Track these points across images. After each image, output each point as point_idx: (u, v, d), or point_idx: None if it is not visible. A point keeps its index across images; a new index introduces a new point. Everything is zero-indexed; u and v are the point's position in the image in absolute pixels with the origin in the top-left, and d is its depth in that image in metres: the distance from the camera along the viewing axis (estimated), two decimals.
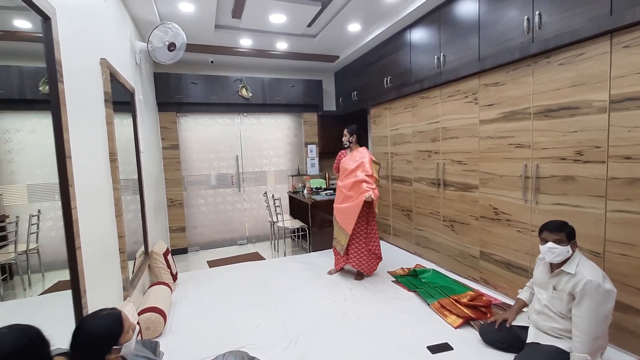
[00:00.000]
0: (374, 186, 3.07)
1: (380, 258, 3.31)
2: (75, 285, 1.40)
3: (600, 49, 1.93)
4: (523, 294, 2.11)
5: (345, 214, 3.20)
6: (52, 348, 1.03)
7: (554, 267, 1.82)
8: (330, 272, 3.45)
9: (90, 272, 1.61)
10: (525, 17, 2.33)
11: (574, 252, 1.77)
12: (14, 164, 1.39)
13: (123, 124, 2.73)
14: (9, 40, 1.32)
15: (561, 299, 1.75)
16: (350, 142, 3.36)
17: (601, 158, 1.97)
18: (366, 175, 3.10)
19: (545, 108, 2.29)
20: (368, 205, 3.13)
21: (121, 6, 2.73)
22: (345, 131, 3.39)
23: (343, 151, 3.48)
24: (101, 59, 2.03)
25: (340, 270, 3.44)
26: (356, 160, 3.24)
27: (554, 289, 1.79)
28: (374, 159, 3.23)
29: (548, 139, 2.28)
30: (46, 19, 1.30)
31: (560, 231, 1.75)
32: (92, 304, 1.57)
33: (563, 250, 1.73)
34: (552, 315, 1.81)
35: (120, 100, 2.58)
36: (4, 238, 1.39)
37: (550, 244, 1.76)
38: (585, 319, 1.63)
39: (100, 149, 1.95)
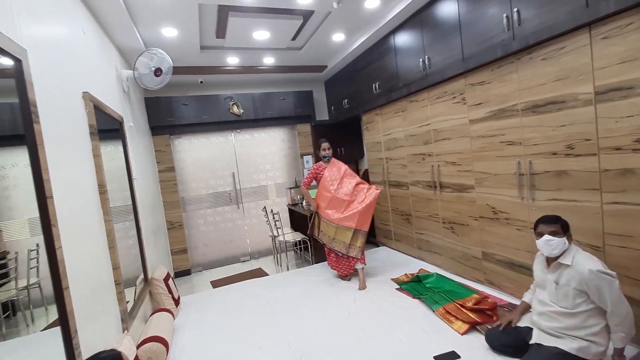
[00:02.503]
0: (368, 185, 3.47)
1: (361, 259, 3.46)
2: (65, 326, 1.37)
3: (580, 41, 1.92)
4: (527, 297, 2.07)
5: (364, 215, 3.32)
6: None
7: (550, 262, 1.81)
8: (343, 277, 3.56)
9: (83, 308, 1.59)
10: (505, 15, 2.33)
11: (570, 243, 1.76)
12: (11, 200, 1.40)
13: (115, 151, 2.74)
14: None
15: (566, 294, 1.72)
16: (330, 156, 3.59)
17: (592, 151, 1.94)
18: (357, 178, 3.50)
19: (532, 104, 2.27)
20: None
21: (103, 36, 2.76)
22: (326, 144, 3.56)
23: (319, 164, 3.62)
24: (83, 92, 2.04)
25: (353, 271, 3.51)
26: (340, 169, 3.52)
27: (557, 284, 1.75)
28: None
29: (538, 134, 2.25)
30: (17, 61, 1.30)
31: (556, 222, 1.75)
32: (88, 341, 1.55)
33: (560, 242, 1.72)
34: (553, 315, 1.77)
35: (109, 128, 2.59)
36: (6, 275, 1.38)
37: (546, 237, 1.75)
38: (610, 302, 1.61)
39: (88, 182, 1.95)
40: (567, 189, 2.12)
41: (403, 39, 3.51)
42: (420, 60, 3.26)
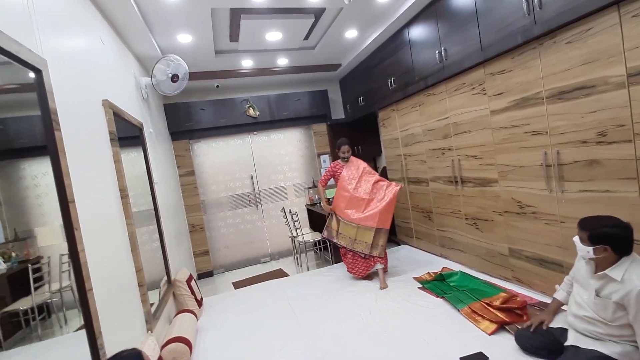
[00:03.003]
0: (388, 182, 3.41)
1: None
2: (89, 327, 1.41)
3: (609, 21, 1.79)
4: (559, 294, 1.94)
5: (385, 213, 3.26)
6: None
7: (599, 268, 1.63)
8: (358, 277, 3.45)
9: (107, 310, 1.63)
10: None
11: (598, 256, 1.57)
12: (43, 207, 1.47)
13: (137, 158, 2.82)
14: (22, 93, 1.40)
15: (605, 306, 1.57)
16: (349, 156, 3.53)
17: (627, 137, 1.81)
18: (376, 175, 3.44)
19: (558, 90, 2.14)
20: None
21: (121, 45, 2.84)
22: (346, 147, 3.50)
23: (337, 162, 3.58)
24: (103, 100, 2.10)
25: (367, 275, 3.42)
26: (358, 167, 3.46)
27: (597, 295, 1.61)
28: None
29: (565, 122, 2.13)
30: (37, 72, 1.35)
31: (584, 229, 1.62)
32: (113, 342, 1.58)
33: (583, 250, 1.61)
34: (593, 321, 1.64)
35: (129, 135, 2.67)
36: (40, 279, 1.44)
37: (575, 237, 1.66)
38: None
39: (110, 187, 2.00)
40: (600, 179, 1.98)
41: (417, 32, 3.42)
42: (436, 52, 3.16)
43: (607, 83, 1.86)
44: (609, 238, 1.53)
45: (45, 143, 1.37)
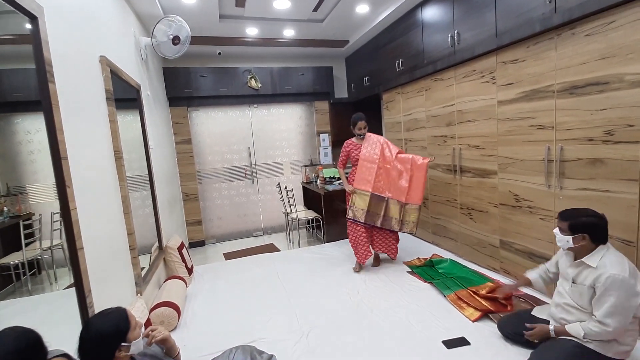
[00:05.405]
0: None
1: (398, 239, 3.32)
2: (79, 285, 1.40)
3: (633, 15, 1.72)
4: (532, 274, 2.01)
5: (416, 188, 3.04)
6: (50, 349, 1.03)
7: (577, 257, 1.71)
8: (355, 269, 3.23)
9: (97, 270, 1.62)
10: None
11: (577, 245, 1.65)
12: (36, 163, 1.44)
13: (133, 121, 2.74)
14: (17, 44, 1.35)
15: (581, 293, 1.65)
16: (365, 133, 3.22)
17: (634, 138, 1.79)
18: (397, 148, 3.20)
19: (570, 85, 2.09)
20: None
21: (122, 1, 2.70)
22: (362, 123, 3.17)
23: (352, 141, 3.26)
24: (100, 56, 2.01)
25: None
26: (378, 141, 3.19)
27: (574, 282, 1.69)
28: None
29: (573, 118, 2.09)
30: (33, 19, 1.27)
31: (565, 220, 1.68)
32: (103, 302, 1.58)
33: (562, 239, 1.68)
34: (570, 309, 1.71)
35: (126, 97, 2.58)
36: (31, 235, 1.45)
37: (555, 229, 1.72)
38: (603, 312, 1.53)
39: (104, 148, 1.95)
40: (601, 179, 1.98)
41: (431, 12, 3.29)
42: (449, 35, 3.06)
43: (622, 81, 1.81)
44: (587, 226, 1.62)
45: (39, 98, 1.31)
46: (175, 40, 3.15)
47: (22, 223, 1.41)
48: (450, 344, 2.02)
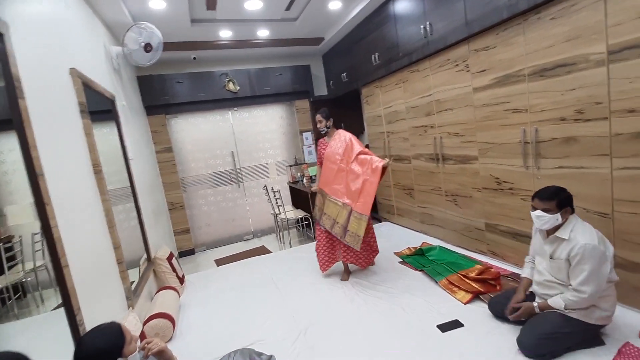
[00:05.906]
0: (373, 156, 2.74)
1: (376, 251, 3.04)
2: (67, 303, 1.37)
3: None
4: (525, 271, 2.03)
5: (367, 194, 2.65)
6: None
7: (549, 233, 1.78)
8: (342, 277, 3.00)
9: (85, 287, 1.58)
10: None
11: (565, 219, 1.71)
12: (12, 184, 1.39)
13: (111, 133, 2.67)
14: None
15: (559, 268, 1.72)
16: (327, 127, 2.98)
17: (603, 114, 1.87)
18: (361, 148, 2.82)
19: (539, 68, 2.17)
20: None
21: (89, 11, 2.62)
22: (318, 117, 2.96)
23: (322, 140, 3.11)
24: (71, 68, 1.95)
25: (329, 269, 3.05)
26: (345, 138, 2.89)
27: (551, 258, 1.75)
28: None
29: (545, 100, 2.17)
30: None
31: (551, 199, 1.70)
32: (94, 318, 1.55)
33: (551, 218, 1.69)
34: (553, 285, 1.77)
35: (101, 109, 2.51)
36: (13, 258, 1.40)
37: (538, 212, 1.72)
38: (578, 281, 1.61)
39: (82, 162, 1.90)
40: (575, 156, 2.06)
41: (403, 5, 3.34)
42: (422, 27, 3.11)
43: (587, 60, 1.89)
44: (569, 199, 1.71)
45: (10, 116, 1.26)
46: (147, 47, 3.09)
47: (2, 246, 1.36)
48: (445, 327, 2.07)
